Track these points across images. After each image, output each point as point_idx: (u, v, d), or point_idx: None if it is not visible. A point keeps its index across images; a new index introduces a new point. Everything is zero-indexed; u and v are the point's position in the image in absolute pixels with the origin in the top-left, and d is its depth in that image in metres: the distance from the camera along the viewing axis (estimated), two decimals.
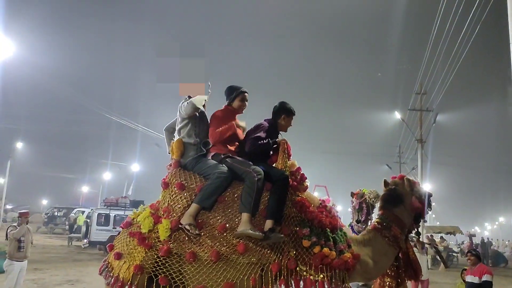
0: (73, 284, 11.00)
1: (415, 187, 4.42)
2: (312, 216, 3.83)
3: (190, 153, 4.03)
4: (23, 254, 8.13)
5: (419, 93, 24.76)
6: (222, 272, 3.58)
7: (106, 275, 3.79)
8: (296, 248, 3.69)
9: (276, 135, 4.21)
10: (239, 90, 4.21)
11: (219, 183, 3.74)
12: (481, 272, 6.51)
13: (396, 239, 4.20)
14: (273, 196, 3.75)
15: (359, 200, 7.07)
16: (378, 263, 4.16)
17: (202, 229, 3.69)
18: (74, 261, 16.05)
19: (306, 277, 3.58)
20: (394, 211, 4.30)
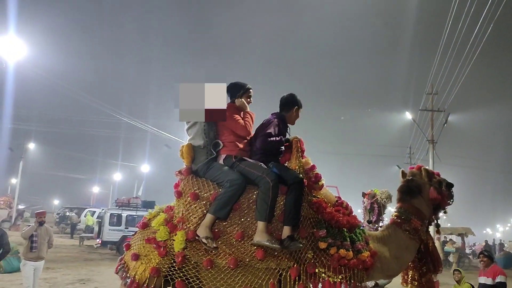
0: (84, 283, 11.07)
1: (433, 177, 4.31)
2: (329, 217, 3.77)
3: (201, 157, 3.91)
4: (36, 255, 7.93)
5: (430, 94, 24.57)
6: (240, 277, 3.55)
7: (122, 275, 3.77)
8: (314, 250, 3.64)
9: (286, 129, 4.11)
10: (246, 87, 4.11)
11: (233, 193, 3.64)
12: (495, 273, 6.44)
13: (417, 231, 4.10)
14: (289, 201, 3.65)
15: (371, 200, 7.05)
16: (400, 258, 4.09)
17: (219, 238, 3.62)
18: (85, 261, 16.18)
19: (325, 279, 3.54)
20: (413, 203, 4.20)
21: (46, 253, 8.26)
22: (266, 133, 3.89)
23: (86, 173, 64.11)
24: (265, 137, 3.88)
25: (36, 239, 7.93)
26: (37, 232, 8.00)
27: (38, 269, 8.00)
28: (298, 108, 4.19)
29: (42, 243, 8.03)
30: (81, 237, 23.79)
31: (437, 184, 4.28)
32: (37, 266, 7.97)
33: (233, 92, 4.08)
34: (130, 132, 52.52)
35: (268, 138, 3.86)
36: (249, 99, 4.12)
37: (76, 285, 10.81)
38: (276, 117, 4.05)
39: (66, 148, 66.30)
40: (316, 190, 3.94)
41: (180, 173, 3.96)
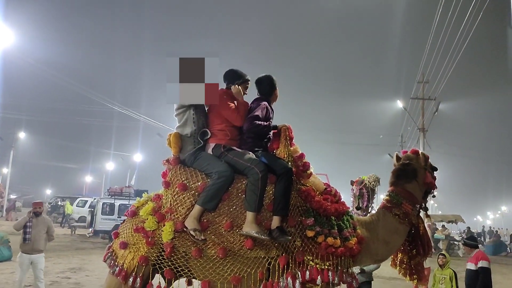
0: (75, 272, 11.08)
1: (428, 162, 4.32)
2: (317, 205, 3.77)
3: (188, 147, 3.87)
4: (30, 247, 7.35)
5: (421, 82, 24.64)
6: (229, 266, 3.58)
7: (111, 264, 3.76)
8: (302, 239, 3.66)
9: (272, 113, 4.05)
10: (245, 77, 4.05)
11: (221, 185, 3.61)
12: (477, 259, 6.50)
13: (407, 215, 4.08)
14: (278, 191, 3.65)
15: (359, 186, 7.07)
16: (390, 243, 4.10)
17: (208, 228, 3.62)
18: (77, 250, 16.19)
19: (313, 267, 3.56)
20: (405, 187, 4.16)
21: (44, 246, 7.61)
22: (253, 116, 3.84)
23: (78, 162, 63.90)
24: (252, 119, 3.82)
25: (29, 230, 7.39)
26: (31, 223, 7.45)
27: (36, 263, 7.41)
28: (276, 89, 4.18)
29: (37, 235, 7.43)
30: (73, 226, 23.75)
31: (430, 168, 4.30)
32: (34, 259, 7.38)
33: (231, 79, 4.03)
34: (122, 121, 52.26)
35: (255, 121, 3.82)
36: (245, 91, 4.07)
37: (67, 273, 10.80)
38: (262, 101, 4.01)
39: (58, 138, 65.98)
40: (304, 178, 3.94)
41: (168, 162, 3.93)
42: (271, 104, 4.11)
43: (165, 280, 3.69)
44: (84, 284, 9.55)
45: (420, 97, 24.68)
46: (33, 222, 7.47)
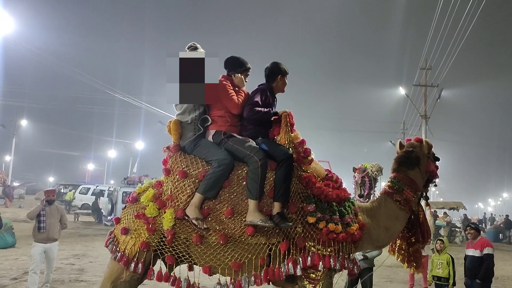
0: (79, 258, 11.16)
1: (431, 150, 4.34)
2: (318, 191, 3.76)
3: (188, 134, 3.87)
4: (45, 236, 7.16)
5: (424, 69, 24.50)
6: (230, 253, 3.61)
7: (112, 249, 3.78)
8: (303, 225, 3.66)
9: (273, 98, 4.05)
10: (247, 66, 4.04)
11: (221, 173, 3.62)
12: (482, 245, 6.52)
13: (408, 202, 4.10)
14: (279, 177, 3.66)
15: (362, 174, 7.07)
16: (390, 229, 4.12)
17: (209, 215, 3.64)
18: (80, 236, 16.29)
19: (314, 253, 3.57)
20: (408, 174, 4.18)
21: (58, 234, 7.47)
22: (253, 102, 3.83)
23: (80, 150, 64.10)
24: (251, 106, 3.81)
25: (44, 219, 7.20)
26: (45, 211, 7.28)
27: (50, 251, 7.24)
28: (282, 76, 4.07)
29: (51, 223, 7.27)
30: (76, 214, 23.88)
31: (433, 157, 4.32)
32: (48, 248, 7.20)
33: (232, 66, 4.01)
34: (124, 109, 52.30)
35: (255, 107, 3.80)
36: (246, 79, 4.06)
37: (71, 260, 10.89)
38: (263, 87, 3.99)
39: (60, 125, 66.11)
40: (305, 164, 3.92)
41: (168, 150, 3.93)
42: (274, 91, 4.08)
43: (166, 266, 3.74)
44: (88, 270, 9.61)
45: (422, 84, 24.56)
46: (46, 210, 7.31)
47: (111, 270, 3.75)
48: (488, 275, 6.48)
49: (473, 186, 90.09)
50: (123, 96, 32.71)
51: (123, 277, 3.65)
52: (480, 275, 6.41)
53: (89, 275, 9.09)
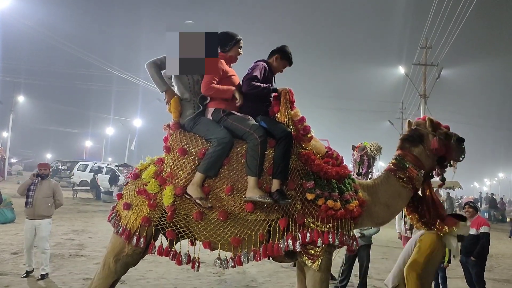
0: (78, 234, 11.27)
1: (439, 129, 4.20)
2: (317, 168, 3.75)
3: (188, 111, 3.87)
4: (32, 211, 6.87)
5: (424, 47, 24.32)
6: (229, 229, 3.65)
7: (115, 224, 3.85)
8: (302, 201, 3.67)
9: (271, 75, 4.02)
10: (237, 38, 3.97)
11: (221, 152, 3.64)
12: (479, 224, 6.59)
13: (411, 180, 4.05)
14: (278, 155, 3.66)
15: (361, 153, 7.08)
16: (391, 206, 4.11)
17: (209, 193, 3.66)
18: (79, 213, 16.40)
19: (313, 229, 3.59)
20: (412, 151, 4.15)
21: (48, 211, 7.03)
22: (251, 77, 3.80)
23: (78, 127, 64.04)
24: (249, 80, 3.78)
25: (32, 194, 6.88)
26: (35, 186, 6.97)
27: (39, 229, 6.85)
28: (281, 58, 4.04)
29: (40, 199, 6.90)
30: (75, 190, 24.01)
31: (443, 136, 4.18)
32: (37, 226, 6.84)
33: (223, 42, 3.93)
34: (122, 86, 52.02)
35: (253, 82, 3.77)
36: (239, 50, 4.01)
37: (71, 235, 10.98)
38: (262, 63, 3.96)
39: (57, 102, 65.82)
40: (305, 142, 3.91)
41: (169, 127, 3.93)
42: (273, 69, 4.05)
43: (168, 241, 3.79)
44: (88, 245, 9.71)
45: (422, 63, 24.41)
46: (37, 185, 7.00)
47: (114, 244, 3.81)
48: (483, 253, 6.57)
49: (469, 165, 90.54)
50: (121, 73, 32.52)
51: (126, 251, 3.72)
52: (475, 253, 6.50)
53: (89, 250, 9.19)
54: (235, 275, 7.70)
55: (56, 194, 7.21)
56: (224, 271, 7.59)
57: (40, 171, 7.19)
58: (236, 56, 4.02)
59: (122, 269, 3.82)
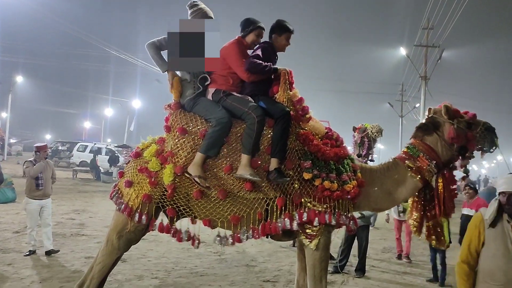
0: (79, 214, 11.33)
1: (459, 117, 3.86)
2: (315, 149, 3.76)
3: (188, 92, 3.90)
4: (42, 192, 7.13)
5: (426, 28, 24.09)
6: (229, 207, 3.69)
7: (117, 201, 3.90)
8: (300, 181, 3.68)
9: (275, 55, 4.01)
10: (256, 24, 3.95)
11: (220, 132, 3.67)
12: (478, 205, 6.60)
13: (420, 170, 3.84)
14: (276, 134, 3.69)
15: (361, 134, 7.09)
16: (393, 194, 3.96)
17: (208, 171, 3.71)
18: (79, 193, 16.48)
19: (310, 209, 3.60)
20: (425, 140, 3.90)
21: (51, 190, 7.45)
22: (253, 55, 3.82)
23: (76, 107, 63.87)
24: (252, 58, 3.79)
25: (41, 175, 7.14)
26: (43, 168, 7.21)
27: (46, 208, 7.19)
28: (278, 34, 3.99)
29: (47, 180, 7.26)
30: (74, 170, 24.09)
31: (464, 124, 3.84)
32: (44, 204, 7.16)
33: (243, 28, 3.96)
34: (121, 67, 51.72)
35: (255, 60, 3.76)
36: (256, 38, 3.97)
37: (71, 215, 11.05)
38: (264, 44, 3.95)
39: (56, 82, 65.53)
40: (304, 122, 3.91)
41: (169, 107, 3.96)
42: (277, 48, 4.02)
43: (168, 218, 3.84)
44: (88, 225, 9.77)
45: (424, 44, 24.20)
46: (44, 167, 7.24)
47: (117, 221, 3.86)
48: None
49: None
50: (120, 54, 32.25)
51: (128, 228, 3.78)
52: None
53: (89, 230, 9.26)
54: (235, 254, 7.78)
55: (53, 173, 7.58)
56: (224, 251, 7.69)
57: (45, 153, 7.44)
58: (254, 43, 3.98)
59: (125, 245, 3.88)
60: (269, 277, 6.51)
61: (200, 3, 4.03)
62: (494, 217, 3.09)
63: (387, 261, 8.31)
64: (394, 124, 35.87)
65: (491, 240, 3.06)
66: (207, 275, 6.37)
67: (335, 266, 7.04)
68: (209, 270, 6.63)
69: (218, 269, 6.76)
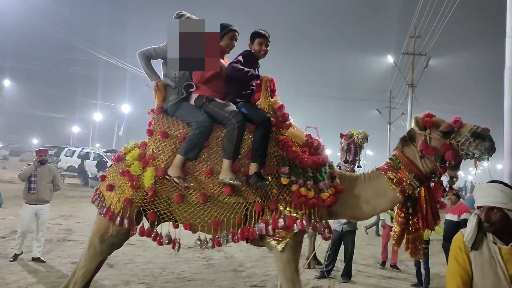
0: (66, 219, 11.27)
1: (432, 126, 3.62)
2: (293, 155, 3.78)
3: (171, 97, 3.97)
4: (35, 197, 7.02)
5: (413, 37, 24.44)
6: (209, 211, 3.72)
7: (98, 205, 3.93)
8: (278, 187, 3.71)
9: (255, 63, 4.07)
10: (228, 27, 4.03)
11: (200, 135, 3.74)
12: (461, 211, 6.72)
13: (401, 183, 3.70)
14: (256, 139, 3.74)
15: (348, 141, 7.19)
16: (371, 204, 3.86)
17: (189, 175, 3.76)
18: (67, 198, 16.33)
19: (287, 215, 3.61)
20: (405, 152, 3.77)
21: (49, 196, 7.27)
22: (235, 61, 3.89)
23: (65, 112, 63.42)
24: (233, 63, 3.86)
25: (34, 179, 7.04)
26: (36, 172, 7.14)
27: (40, 214, 7.07)
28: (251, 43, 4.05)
29: (42, 185, 7.12)
30: (62, 175, 23.88)
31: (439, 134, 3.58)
32: (39, 210, 7.04)
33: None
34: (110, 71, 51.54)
35: (236, 65, 3.83)
36: (230, 41, 4.05)
37: (58, 220, 10.98)
38: (246, 51, 4.03)
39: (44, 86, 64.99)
40: (284, 128, 3.97)
41: (152, 112, 4.04)
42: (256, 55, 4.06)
43: (149, 222, 3.86)
44: (76, 230, 9.74)
45: (411, 53, 24.55)
46: (38, 171, 7.16)
47: (99, 225, 3.88)
48: None
49: None
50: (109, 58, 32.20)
51: (110, 232, 3.79)
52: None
53: (76, 235, 9.23)
54: (223, 260, 7.82)
55: (55, 179, 7.44)
56: (211, 256, 7.71)
57: (40, 157, 7.32)
58: (228, 47, 4.06)
59: (107, 249, 3.90)
60: (256, 282, 6.55)
61: (186, 13, 4.11)
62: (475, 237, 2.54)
63: (373, 266, 8.41)
64: (383, 130, 36.27)
65: (478, 266, 2.52)
66: (195, 280, 6.40)
67: (322, 271, 7.12)
68: (196, 275, 6.66)
69: (206, 274, 6.79)
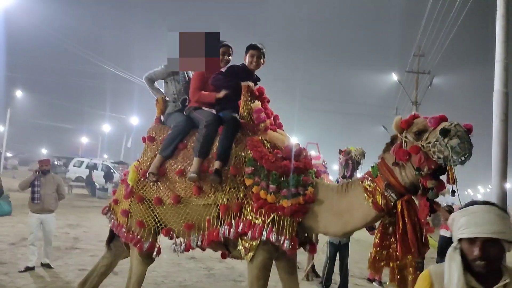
0: (73, 228, 11.55)
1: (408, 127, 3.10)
2: (258, 155, 3.62)
3: (168, 109, 4.37)
4: (40, 206, 7.12)
5: (417, 55, 24.75)
6: (183, 214, 3.86)
7: (110, 218, 4.28)
8: (244, 190, 3.63)
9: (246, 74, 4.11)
10: (221, 43, 4.22)
11: (176, 133, 4.03)
12: None
13: (374, 193, 3.18)
14: (221, 138, 3.81)
15: (346, 156, 7.45)
16: (344, 217, 3.38)
17: (165, 175, 3.97)
18: (73, 208, 16.58)
19: (249, 220, 3.49)
20: (384, 157, 3.25)
21: (54, 205, 7.40)
22: (217, 73, 4.09)
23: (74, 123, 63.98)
24: (215, 74, 4.07)
25: (38, 189, 7.10)
26: (39, 181, 7.17)
27: (46, 223, 7.20)
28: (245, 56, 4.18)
29: (46, 194, 7.18)
30: (70, 186, 24.22)
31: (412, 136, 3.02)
32: (44, 219, 7.16)
33: None
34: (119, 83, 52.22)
35: (218, 75, 4.05)
36: (222, 56, 4.26)
37: (66, 229, 11.25)
38: (234, 64, 4.23)
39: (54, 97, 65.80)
40: (260, 131, 3.90)
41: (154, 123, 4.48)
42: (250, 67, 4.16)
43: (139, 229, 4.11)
44: (82, 239, 10.00)
45: (415, 71, 24.85)
46: (41, 181, 7.20)
47: None
48: None
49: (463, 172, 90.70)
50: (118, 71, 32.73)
51: None
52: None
53: (83, 243, 9.48)
54: (224, 270, 8.03)
55: (59, 188, 7.56)
56: (213, 266, 7.94)
57: (42, 167, 7.37)
58: (221, 62, 4.29)
59: None
60: None
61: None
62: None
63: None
64: None
65: None
66: None
67: (321, 282, 7.31)
68: (197, 284, 6.88)
69: (206, 283, 7.01)
